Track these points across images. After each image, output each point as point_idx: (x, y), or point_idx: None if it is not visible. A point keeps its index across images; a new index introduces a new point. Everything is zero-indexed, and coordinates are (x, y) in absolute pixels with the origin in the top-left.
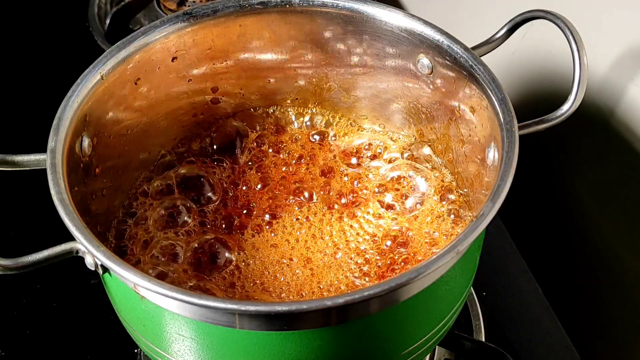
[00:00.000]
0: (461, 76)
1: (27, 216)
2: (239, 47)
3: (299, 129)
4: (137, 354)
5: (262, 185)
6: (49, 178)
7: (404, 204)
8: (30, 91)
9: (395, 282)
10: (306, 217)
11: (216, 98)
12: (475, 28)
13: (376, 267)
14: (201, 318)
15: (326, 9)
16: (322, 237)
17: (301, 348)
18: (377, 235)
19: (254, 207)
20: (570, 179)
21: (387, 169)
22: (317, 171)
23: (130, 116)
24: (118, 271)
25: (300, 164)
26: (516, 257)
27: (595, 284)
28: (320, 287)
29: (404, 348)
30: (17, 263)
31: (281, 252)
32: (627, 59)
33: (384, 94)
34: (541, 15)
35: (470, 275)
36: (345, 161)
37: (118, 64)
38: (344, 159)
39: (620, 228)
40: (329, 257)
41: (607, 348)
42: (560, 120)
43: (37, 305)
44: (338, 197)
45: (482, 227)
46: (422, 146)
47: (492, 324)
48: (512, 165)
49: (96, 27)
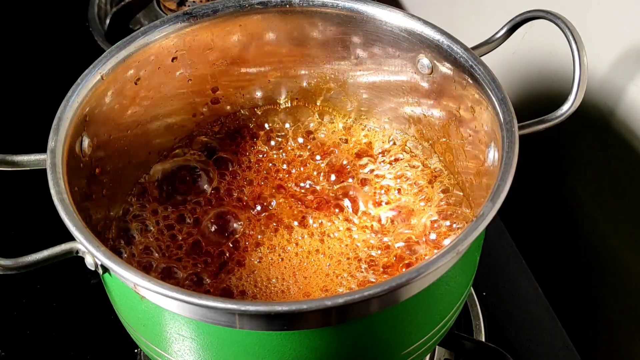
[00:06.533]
0: (461, 76)
1: (27, 216)
2: (239, 47)
3: (299, 129)
4: (137, 354)
5: (262, 185)
6: (49, 178)
7: (403, 204)
8: (30, 91)
9: (395, 282)
10: (305, 218)
11: (216, 98)
12: (475, 28)
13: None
14: (201, 318)
15: (326, 9)
16: (322, 239)
17: (301, 348)
18: (377, 235)
19: (254, 208)
20: (570, 179)
21: (387, 169)
22: (317, 171)
23: (130, 116)
24: (118, 271)
25: (300, 164)
26: (516, 257)
27: (595, 284)
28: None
29: (404, 348)
30: (17, 263)
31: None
32: (627, 59)
33: (384, 93)
34: (541, 15)
35: (470, 275)
36: (345, 161)
37: (118, 64)
38: (344, 159)
39: (620, 228)
40: (328, 259)
41: (607, 348)
42: (560, 120)
43: (37, 305)
44: (338, 197)
45: (482, 227)
46: (422, 146)
47: (492, 324)
48: (512, 165)
49: (96, 27)
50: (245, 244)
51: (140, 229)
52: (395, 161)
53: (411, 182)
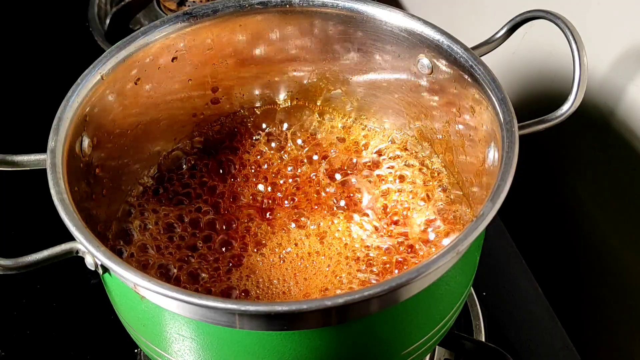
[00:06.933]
0: (461, 76)
1: (27, 216)
2: (239, 47)
3: (298, 129)
4: (137, 354)
5: (261, 185)
6: (49, 178)
7: (403, 204)
8: (30, 91)
9: (395, 282)
10: (305, 218)
11: (216, 98)
12: (475, 28)
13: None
14: (201, 318)
15: (326, 9)
16: (321, 240)
17: (301, 348)
18: (377, 235)
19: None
20: (570, 179)
21: (387, 169)
22: (317, 171)
23: (130, 116)
24: (118, 271)
25: (300, 164)
26: (516, 257)
27: (595, 284)
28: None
29: (404, 348)
30: (17, 263)
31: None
32: (627, 59)
33: (383, 93)
34: (541, 15)
35: (470, 275)
36: (345, 161)
37: (118, 64)
38: (344, 159)
39: (620, 228)
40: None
41: (607, 348)
42: (560, 120)
43: (37, 305)
44: (337, 197)
45: (482, 227)
46: (422, 146)
47: (492, 324)
48: (512, 165)
49: (96, 27)
50: (245, 244)
51: (140, 229)
52: (394, 160)
53: (411, 181)
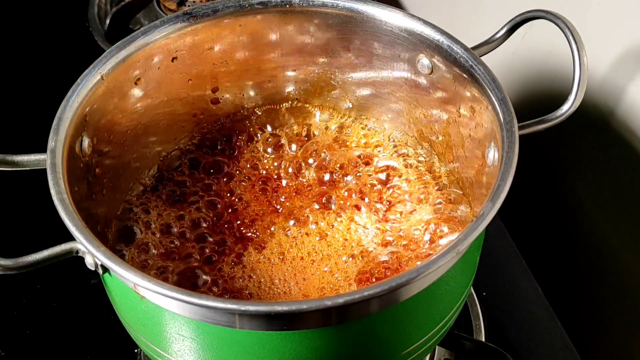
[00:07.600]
0: (461, 76)
1: (27, 216)
2: (239, 47)
3: (298, 129)
4: (137, 354)
5: (261, 185)
6: (49, 178)
7: (403, 204)
8: (30, 91)
9: (395, 282)
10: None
11: (216, 98)
12: (475, 28)
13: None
14: (201, 318)
15: (326, 9)
16: (321, 239)
17: (301, 348)
18: (377, 235)
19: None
20: (570, 179)
21: (387, 169)
22: (316, 171)
23: (130, 116)
24: (118, 271)
25: (299, 164)
26: (516, 257)
27: (595, 284)
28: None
29: (404, 348)
30: (17, 263)
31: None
32: (627, 59)
33: (383, 94)
34: (541, 15)
35: (470, 275)
36: (344, 161)
37: (118, 64)
38: (344, 159)
39: (620, 228)
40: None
41: (607, 348)
42: (560, 120)
43: (37, 305)
44: (337, 197)
45: (482, 227)
46: (422, 146)
47: (492, 324)
48: (512, 165)
49: (96, 27)
50: (245, 244)
51: (140, 229)
52: (394, 160)
53: (410, 181)
